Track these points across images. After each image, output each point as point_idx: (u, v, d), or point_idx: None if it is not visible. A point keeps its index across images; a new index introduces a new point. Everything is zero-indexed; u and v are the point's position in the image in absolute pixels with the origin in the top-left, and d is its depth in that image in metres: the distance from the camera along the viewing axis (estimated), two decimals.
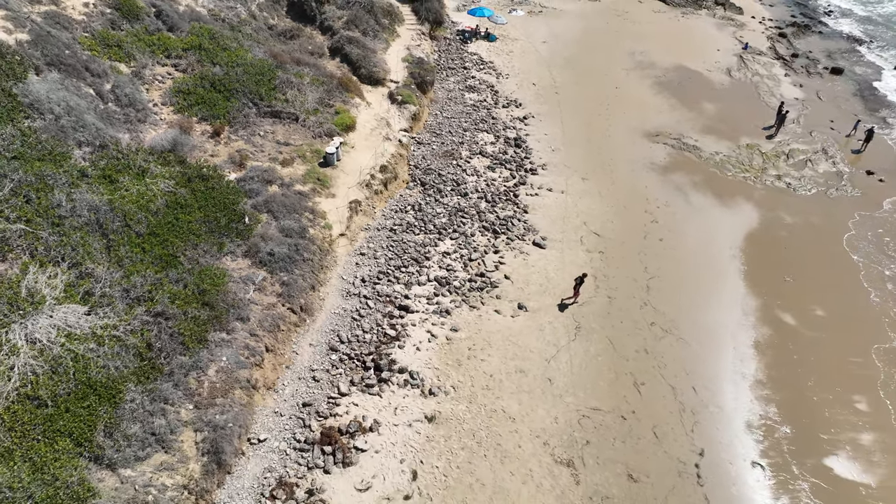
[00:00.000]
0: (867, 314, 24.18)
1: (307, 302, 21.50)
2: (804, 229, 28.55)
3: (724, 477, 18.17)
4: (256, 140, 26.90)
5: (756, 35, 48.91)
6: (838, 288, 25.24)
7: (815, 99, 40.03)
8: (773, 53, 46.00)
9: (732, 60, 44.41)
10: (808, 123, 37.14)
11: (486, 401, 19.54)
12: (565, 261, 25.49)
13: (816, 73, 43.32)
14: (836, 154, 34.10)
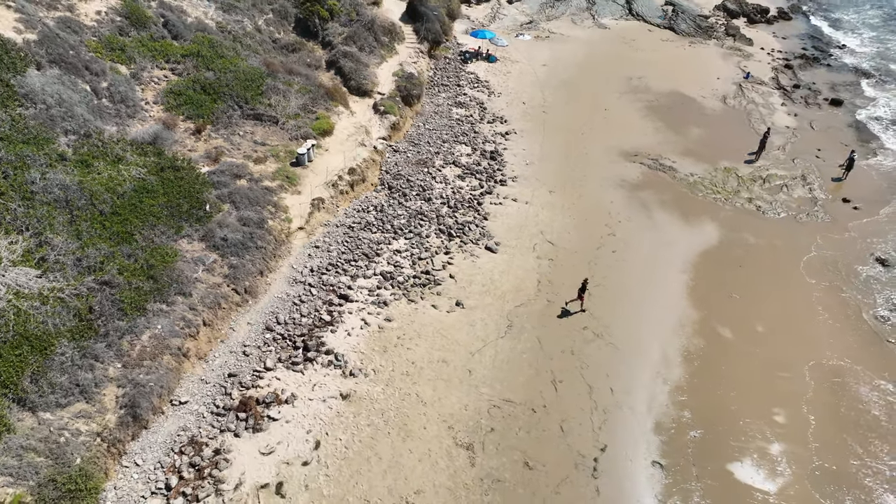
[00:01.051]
0: (810, 332, 24.21)
1: (252, 285, 23.07)
2: (765, 250, 28.72)
3: (620, 472, 18.64)
4: (235, 139, 28.96)
5: (761, 66, 49.09)
6: (786, 306, 25.34)
7: (807, 128, 40.02)
8: (775, 83, 46.13)
9: (731, 89, 44.76)
10: (794, 151, 37.19)
11: (403, 385, 20.57)
12: (513, 265, 26.42)
13: (815, 104, 43.26)
14: (815, 181, 34.09)
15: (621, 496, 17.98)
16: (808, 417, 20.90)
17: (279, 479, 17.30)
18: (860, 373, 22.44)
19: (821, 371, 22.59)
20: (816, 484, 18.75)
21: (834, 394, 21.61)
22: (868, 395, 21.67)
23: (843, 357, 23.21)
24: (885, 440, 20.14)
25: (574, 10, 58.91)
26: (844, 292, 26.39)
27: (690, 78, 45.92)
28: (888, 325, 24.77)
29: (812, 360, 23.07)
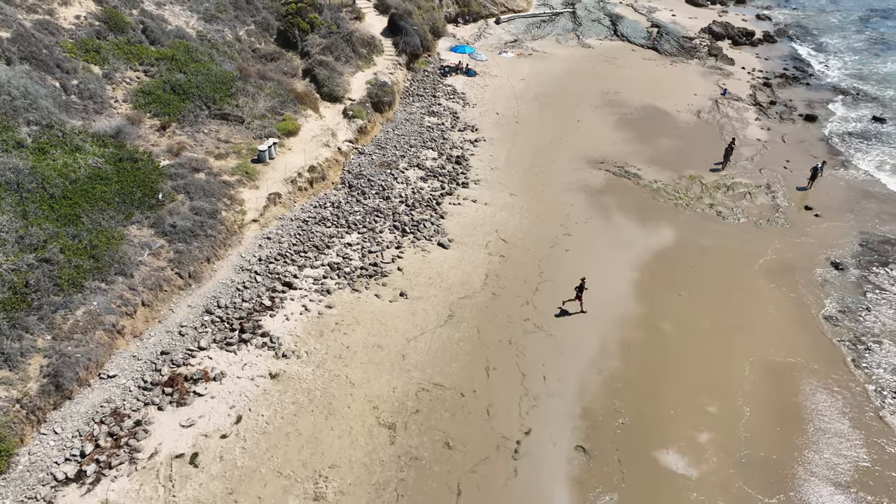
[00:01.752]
0: (757, 330, 24.07)
1: (197, 270, 23.49)
2: (720, 252, 28.75)
3: (541, 455, 18.55)
4: (199, 136, 29.73)
5: (740, 84, 49.63)
6: (735, 305, 25.26)
7: (778, 141, 40.25)
8: (752, 100, 46.57)
9: (707, 104, 45.23)
10: (762, 162, 37.39)
11: (334, 367, 20.73)
12: (463, 260, 26.67)
13: (789, 119, 43.57)
14: (779, 190, 34.21)
15: (539, 477, 17.87)
16: (743, 409, 20.74)
17: (195, 450, 17.43)
18: (803, 370, 22.28)
19: (763, 366, 22.44)
20: (741, 471, 18.55)
21: (773, 389, 21.44)
22: (808, 392, 21.43)
23: (788, 354, 23.06)
24: (818, 433, 19.88)
25: (560, 31, 60.11)
26: (796, 294, 26.30)
27: (667, 93, 46.48)
28: (836, 326, 24.60)
29: (755, 356, 22.94)
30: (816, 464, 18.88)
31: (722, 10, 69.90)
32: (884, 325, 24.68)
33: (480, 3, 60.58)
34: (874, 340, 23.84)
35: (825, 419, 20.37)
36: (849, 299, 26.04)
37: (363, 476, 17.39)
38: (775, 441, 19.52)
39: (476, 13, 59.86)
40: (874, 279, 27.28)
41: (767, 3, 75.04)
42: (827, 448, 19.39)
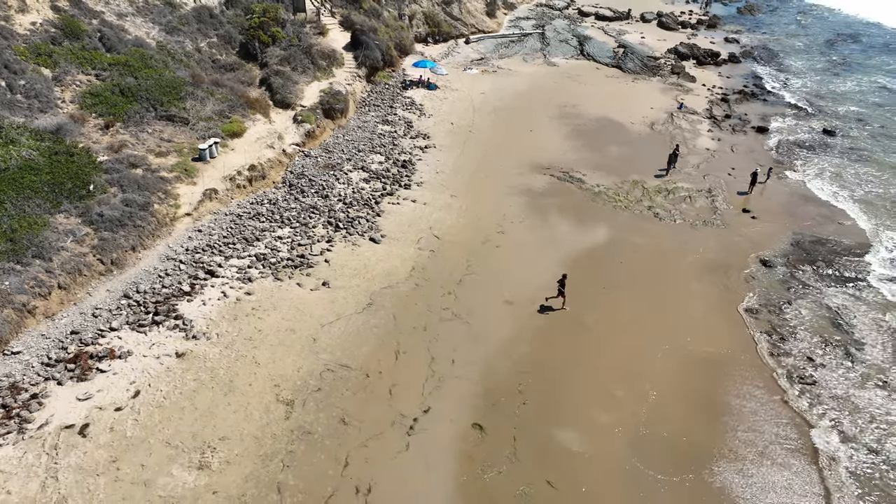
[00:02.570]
0: (678, 322, 24.26)
1: (120, 257, 23.89)
2: (652, 251, 29.11)
3: (436, 432, 18.68)
4: (143, 136, 30.43)
5: (698, 99, 50.63)
6: (659, 299, 25.53)
7: (727, 150, 40.95)
8: (707, 113, 47.46)
9: (661, 117, 46.11)
10: (708, 169, 38.01)
11: (242, 348, 20.98)
12: (391, 254, 27.07)
13: (741, 131, 44.35)
14: (720, 194, 34.74)
15: (428, 452, 17.99)
16: (650, 393, 20.91)
17: (86, 421, 17.60)
18: (717, 358, 22.50)
19: (678, 355, 22.65)
20: (637, 449, 18.64)
21: (684, 375, 21.60)
22: (717, 378, 21.61)
23: (705, 344, 23.27)
24: (722, 416, 20.02)
25: (528, 50, 61.48)
26: (721, 289, 26.61)
27: (624, 107, 47.40)
28: (755, 318, 24.85)
29: (671, 345, 23.14)
30: (715, 444, 18.95)
31: (692, 34, 71.46)
32: (802, 317, 24.92)
33: (451, 24, 62.08)
34: (789, 331, 24.07)
35: (731, 403, 20.53)
36: (772, 294, 26.32)
37: (252, 448, 17.51)
38: (677, 423, 19.64)
39: (446, 33, 61.29)
40: (800, 276, 27.60)
41: (738, 27, 76.71)
42: (728, 430, 19.50)
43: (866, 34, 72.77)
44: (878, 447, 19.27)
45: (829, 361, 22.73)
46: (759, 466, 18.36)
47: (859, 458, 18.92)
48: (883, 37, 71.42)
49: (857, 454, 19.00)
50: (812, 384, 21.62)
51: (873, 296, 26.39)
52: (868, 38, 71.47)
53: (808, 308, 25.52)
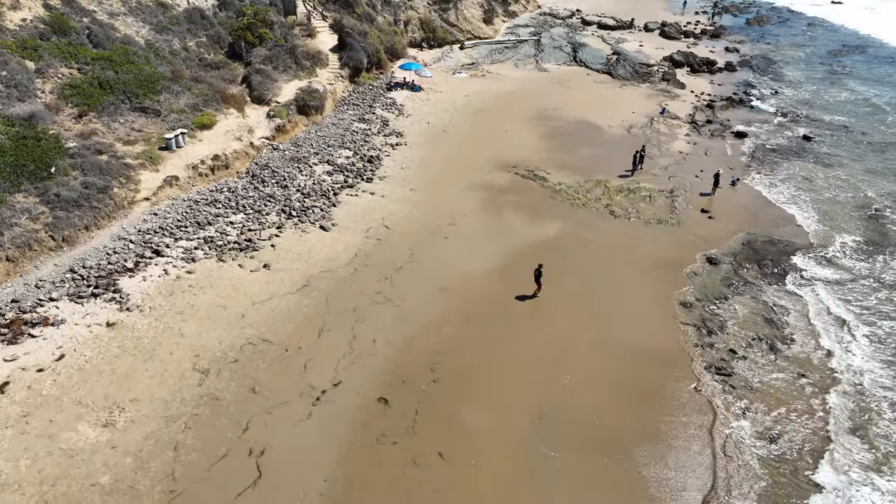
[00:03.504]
0: (610, 311, 24.52)
1: (72, 235, 25.16)
2: (601, 246, 29.44)
3: (342, 404, 19.34)
4: (114, 125, 31.92)
5: (684, 105, 50.75)
6: (596, 290, 25.82)
7: (700, 154, 41.06)
8: (689, 118, 47.56)
9: (641, 121, 46.36)
10: (676, 171, 38.18)
11: (171, 321, 21.96)
12: (338, 241, 27.93)
13: (720, 136, 44.37)
14: (682, 195, 34.89)
15: (329, 421, 18.64)
16: (564, 378, 21.25)
17: (7, 380, 18.67)
18: (641, 347, 22.69)
19: (604, 344, 22.90)
20: (540, 429, 19.01)
21: (605, 362, 21.87)
22: (637, 366, 21.82)
23: (632, 334, 23.52)
24: (632, 402, 20.30)
25: (521, 56, 62.28)
26: (661, 283, 26.80)
27: (606, 111, 47.79)
28: (688, 311, 25.03)
29: (599, 333, 23.44)
30: (620, 428, 19.23)
31: (693, 43, 71.55)
32: (735, 312, 25.03)
33: (447, 30, 63.20)
34: (718, 325, 24.20)
35: (644, 391, 20.76)
36: (710, 290, 26.46)
37: (159, 409, 18.38)
38: (585, 407, 19.96)
39: (442, 39, 62.39)
40: (743, 274, 27.68)
41: (742, 37, 76.47)
42: (636, 415, 19.75)
43: (872, 46, 71.92)
44: (776, 436, 19.34)
45: (751, 354, 22.82)
46: (659, 450, 18.56)
47: (756, 447, 19.00)
48: (889, 48, 70.45)
49: (756, 442, 19.08)
50: (728, 375, 21.72)
51: (811, 295, 26.31)
52: (874, 50, 70.71)
53: (744, 304, 25.59)
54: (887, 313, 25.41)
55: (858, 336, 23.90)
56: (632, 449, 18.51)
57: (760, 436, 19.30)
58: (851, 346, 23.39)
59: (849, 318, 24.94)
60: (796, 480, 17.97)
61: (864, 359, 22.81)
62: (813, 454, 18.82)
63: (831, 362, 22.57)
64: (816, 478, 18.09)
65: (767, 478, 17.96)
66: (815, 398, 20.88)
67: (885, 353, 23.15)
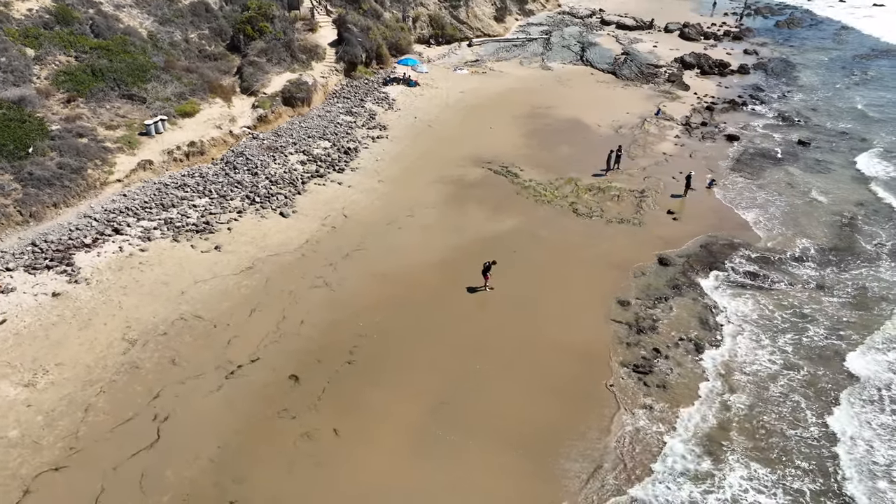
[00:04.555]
0: (544, 308, 24.74)
1: (39, 211, 26.90)
2: (554, 242, 29.64)
3: (254, 378, 20.30)
4: (100, 111, 33.74)
5: (683, 106, 50.15)
6: (536, 285, 26.08)
7: (685, 156, 40.65)
8: (684, 120, 47.01)
9: (634, 121, 46.08)
10: (654, 171, 37.96)
11: (114, 294, 23.37)
12: (293, 227, 28.99)
13: (710, 139, 43.77)
14: (652, 196, 34.73)
15: (237, 395, 19.62)
16: (475, 367, 21.70)
17: None
18: (567, 343, 22.91)
19: (529, 337, 23.25)
20: (439, 414, 19.58)
21: (524, 356, 22.22)
22: (556, 360, 22.12)
23: (563, 330, 23.76)
24: (544, 394, 20.66)
25: (528, 55, 62.39)
26: (605, 281, 26.90)
27: (599, 110, 47.65)
28: (624, 309, 25.13)
29: (529, 328, 23.77)
30: (521, 417, 19.63)
31: (711, 45, 70.35)
32: (670, 312, 25.01)
33: (456, 27, 63.76)
34: (650, 324, 24.25)
35: (556, 384, 21.05)
36: (652, 289, 26.46)
37: (81, 374, 19.70)
38: (494, 396, 20.36)
39: (451, 36, 63.00)
40: (691, 275, 27.56)
41: (766, 40, 74.72)
42: (541, 407, 20.09)
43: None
44: (671, 428, 19.42)
45: (676, 354, 22.81)
46: (556, 439, 18.89)
47: (650, 439, 19.14)
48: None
49: (651, 435, 19.22)
50: (645, 373, 21.83)
51: (760, 298, 26.03)
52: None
53: (682, 305, 25.53)
54: (811, 320, 24.93)
55: (782, 342, 23.60)
56: (530, 437, 18.88)
57: (657, 430, 19.39)
58: (763, 350, 23.13)
59: (776, 323, 24.61)
60: (676, 477, 18.06)
61: (771, 362, 22.54)
62: (709, 455, 18.82)
63: (747, 366, 22.38)
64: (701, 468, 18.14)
65: (651, 469, 18.11)
66: (718, 397, 20.82)
67: (794, 358, 22.81)
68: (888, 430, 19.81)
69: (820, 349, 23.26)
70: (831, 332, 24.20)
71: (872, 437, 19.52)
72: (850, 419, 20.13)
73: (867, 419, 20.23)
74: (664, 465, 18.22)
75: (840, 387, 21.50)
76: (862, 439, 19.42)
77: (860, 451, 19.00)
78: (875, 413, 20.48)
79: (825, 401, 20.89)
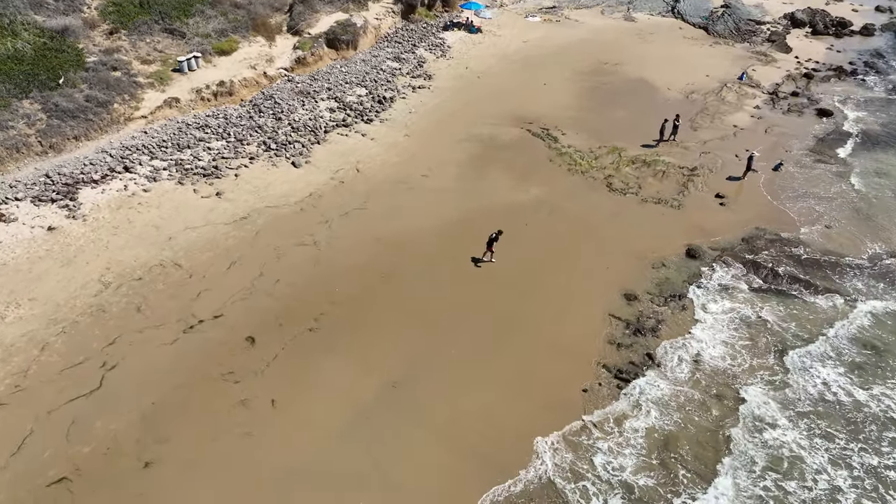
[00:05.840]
0: (542, 293, 22.83)
1: (59, 143, 27.62)
2: (573, 218, 27.18)
3: (211, 335, 19.98)
4: (140, 44, 33.99)
5: (776, 72, 44.39)
6: (540, 268, 24.05)
7: (758, 131, 36.00)
8: (771, 88, 41.58)
9: (712, 86, 41.33)
10: (717, 146, 33.89)
11: (104, 233, 23.73)
12: (301, 178, 28.24)
13: (797, 112, 38.44)
14: (703, 175, 31.00)
15: (190, 350, 19.39)
16: (450, 351, 20.37)
17: None
18: (552, 335, 21.08)
19: (516, 324, 21.57)
20: (383, 392, 18.54)
21: (502, 344, 20.66)
22: (534, 355, 20.40)
23: (552, 318, 21.87)
24: (508, 390, 19.10)
25: (612, 2, 57.24)
26: (619, 269, 24.38)
27: (674, 71, 43.07)
28: (627, 304, 22.71)
29: (518, 312, 22.04)
30: (475, 411, 18.31)
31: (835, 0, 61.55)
32: (679, 313, 22.30)
33: None
34: (652, 325, 21.74)
35: (528, 381, 19.41)
36: (668, 284, 23.69)
37: (49, 311, 20.16)
38: (454, 384, 19.10)
39: None
40: (718, 273, 24.38)
41: None
42: (499, 402, 18.63)
43: None
44: (617, 453, 17.33)
45: (669, 363, 20.32)
46: (503, 439, 17.43)
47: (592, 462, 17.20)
48: None
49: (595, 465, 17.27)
50: (628, 381, 19.61)
51: (795, 308, 22.65)
52: None
53: (696, 306, 22.64)
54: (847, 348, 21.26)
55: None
56: (474, 439, 17.46)
57: (605, 458, 17.37)
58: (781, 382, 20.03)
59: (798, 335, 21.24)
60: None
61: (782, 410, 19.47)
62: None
63: (750, 400, 19.50)
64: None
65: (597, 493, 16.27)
66: (716, 432, 18.27)
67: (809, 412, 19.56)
68: None
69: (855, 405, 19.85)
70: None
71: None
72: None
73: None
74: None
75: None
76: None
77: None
78: None
79: None
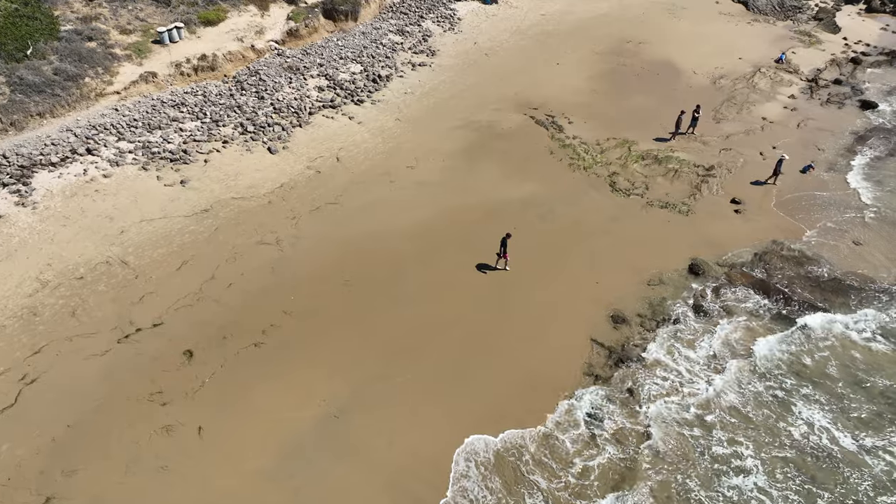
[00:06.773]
0: (511, 306, 20.77)
1: (21, 120, 25.99)
2: (567, 221, 24.69)
3: (145, 346, 18.41)
4: (121, 12, 31.97)
5: (819, 55, 40.20)
6: (515, 278, 21.91)
7: (790, 126, 32.44)
8: (812, 74, 37.63)
9: (743, 70, 37.61)
10: (741, 142, 30.61)
11: (52, 224, 22.23)
12: (274, 167, 26.24)
13: (836, 104, 34.61)
14: (721, 175, 27.91)
15: (120, 363, 17.84)
16: (396, 377, 18.40)
17: None
18: (509, 358, 18.94)
19: (480, 344, 19.49)
20: (322, 425, 16.75)
21: (459, 367, 18.63)
22: (502, 384, 18.26)
23: (523, 339, 19.68)
24: (460, 425, 17.09)
25: None
26: (609, 285, 21.92)
27: (703, 52, 39.35)
28: (615, 327, 20.34)
29: (484, 331, 19.92)
30: (418, 451, 16.36)
31: None
32: (672, 340, 19.78)
33: None
34: (637, 354, 19.32)
35: (484, 415, 17.36)
36: (664, 305, 21.12)
37: None
38: (398, 419, 17.21)
39: None
40: (723, 294, 21.71)
41: None
42: (445, 441, 16.63)
43: None
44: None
45: (656, 396, 17.97)
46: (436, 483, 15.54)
47: None
48: None
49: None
50: (601, 421, 17.38)
51: (806, 344, 19.96)
52: None
53: (692, 335, 20.10)
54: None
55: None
56: (421, 480, 15.61)
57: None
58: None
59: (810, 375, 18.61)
60: None
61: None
62: None
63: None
64: None
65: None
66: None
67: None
68: None
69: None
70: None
71: None
72: None
73: None
74: None
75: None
76: None
77: None
78: None
79: None
